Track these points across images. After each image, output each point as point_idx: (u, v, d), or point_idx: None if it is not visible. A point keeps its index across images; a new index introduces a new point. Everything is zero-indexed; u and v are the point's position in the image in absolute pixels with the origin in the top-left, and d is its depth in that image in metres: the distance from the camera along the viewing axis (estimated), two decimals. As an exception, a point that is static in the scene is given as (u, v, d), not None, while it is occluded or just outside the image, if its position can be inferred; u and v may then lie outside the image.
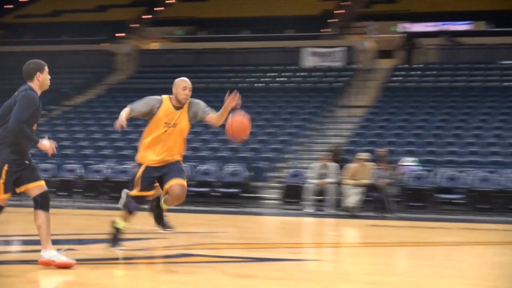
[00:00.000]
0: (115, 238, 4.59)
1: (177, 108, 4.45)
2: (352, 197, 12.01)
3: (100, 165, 13.22)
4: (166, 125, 4.38)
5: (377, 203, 11.90)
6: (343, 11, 23.82)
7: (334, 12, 23.30)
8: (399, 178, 12.33)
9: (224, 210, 12.63)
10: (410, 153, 13.84)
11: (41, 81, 3.97)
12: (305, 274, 4.37)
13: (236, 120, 4.41)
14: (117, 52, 20.82)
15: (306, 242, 8.08)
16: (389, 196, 11.78)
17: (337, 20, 22.97)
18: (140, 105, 4.47)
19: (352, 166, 12.09)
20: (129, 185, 4.88)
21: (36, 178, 3.99)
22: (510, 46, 18.41)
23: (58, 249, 3.85)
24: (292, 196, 12.98)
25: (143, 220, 6.09)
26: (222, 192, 13.03)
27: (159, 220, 5.43)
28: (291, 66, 19.44)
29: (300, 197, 12.53)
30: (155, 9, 24.52)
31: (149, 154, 4.52)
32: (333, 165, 12.21)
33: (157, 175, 4.55)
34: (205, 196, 12.86)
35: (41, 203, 3.85)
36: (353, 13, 23.66)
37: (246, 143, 13.26)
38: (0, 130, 3.82)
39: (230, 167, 13.38)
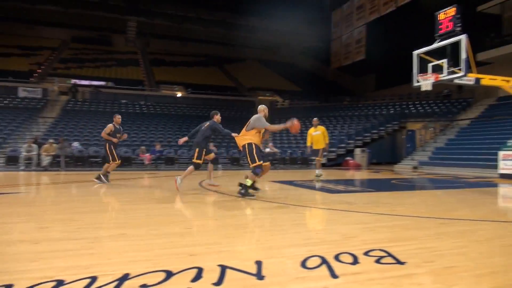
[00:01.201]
0: (246, 191, 6.54)
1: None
2: (47, 160, 16.53)
3: None
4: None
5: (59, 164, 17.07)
6: (41, 70, 32.36)
7: (36, 70, 31.96)
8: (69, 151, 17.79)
9: None
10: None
11: (217, 119, 7.48)
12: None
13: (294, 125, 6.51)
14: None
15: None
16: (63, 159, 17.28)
17: (38, 74, 31.33)
18: (265, 123, 6.69)
19: (45, 146, 16.88)
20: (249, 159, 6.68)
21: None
22: (127, 95, 28.52)
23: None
24: (13, 161, 17.44)
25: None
26: None
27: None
28: (12, 96, 26.14)
29: (18, 161, 17.12)
30: None
31: (257, 140, 6.53)
32: (34, 146, 16.86)
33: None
34: None
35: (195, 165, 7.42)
36: (47, 72, 32.39)
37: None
38: (201, 135, 7.40)
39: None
